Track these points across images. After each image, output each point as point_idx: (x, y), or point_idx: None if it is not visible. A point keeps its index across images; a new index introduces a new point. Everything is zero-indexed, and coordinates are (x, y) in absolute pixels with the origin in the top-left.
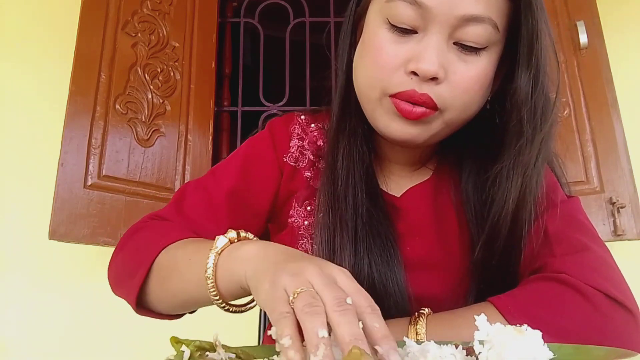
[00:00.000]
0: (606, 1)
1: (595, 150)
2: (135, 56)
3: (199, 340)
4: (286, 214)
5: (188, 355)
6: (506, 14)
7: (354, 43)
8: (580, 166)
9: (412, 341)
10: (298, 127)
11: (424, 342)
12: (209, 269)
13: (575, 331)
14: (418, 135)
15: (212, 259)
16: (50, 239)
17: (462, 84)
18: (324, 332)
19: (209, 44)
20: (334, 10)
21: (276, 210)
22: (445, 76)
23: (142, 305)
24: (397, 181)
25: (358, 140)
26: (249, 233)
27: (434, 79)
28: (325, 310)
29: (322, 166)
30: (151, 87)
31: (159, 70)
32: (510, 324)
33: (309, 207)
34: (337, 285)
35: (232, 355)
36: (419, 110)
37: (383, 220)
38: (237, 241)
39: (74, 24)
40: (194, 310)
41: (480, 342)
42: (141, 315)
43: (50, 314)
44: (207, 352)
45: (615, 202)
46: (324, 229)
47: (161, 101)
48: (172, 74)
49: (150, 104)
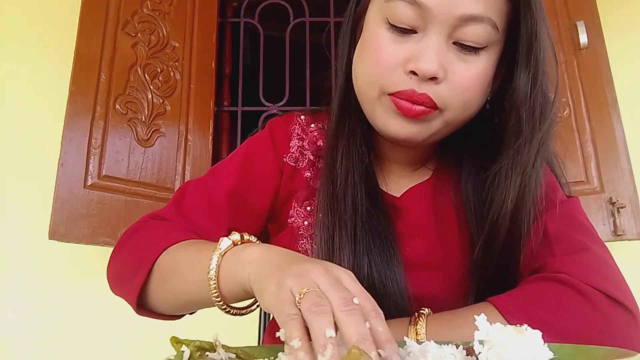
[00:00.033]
0: (606, 1)
1: (595, 150)
2: (135, 56)
3: (199, 341)
4: (286, 214)
5: (188, 355)
6: (505, 14)
7: (353, 43)
8: (580, 166)
9: (412, 341)
10: (298, 127)
11: (424, 342)
12: (211, 270)
13: (575, 331)
14: (418, 133)
15: (215, 261)
16: (50, 239)
17: (462, 83)
18: (331, 332)
19: (209, 44)
20: (334, 10)
21: (276, 211)
22: (445, 76)
23: (143, 306)
24: (396, 181)
25: (357, 140)
26: (252, 236)
27: (433, 79)
28: (332, 310)
29: (322, 166)
30: (151, 87)
31: (159, 70)
32: (510, 324)
33: (308, 208)
34: (343, 286)
35: (232, 356)
36: (419, 108)
37: (383, 220)
38: (240, 244)
39: (74, 24)
40: (194, 311)
41: (480, 342)
42: (141, 315)
43: (50, 314)
44: (207, 352)
45: (615, 202)
46: (323, 229)
47: (161, 101)
48: (172, 74)
49: (150, 104)
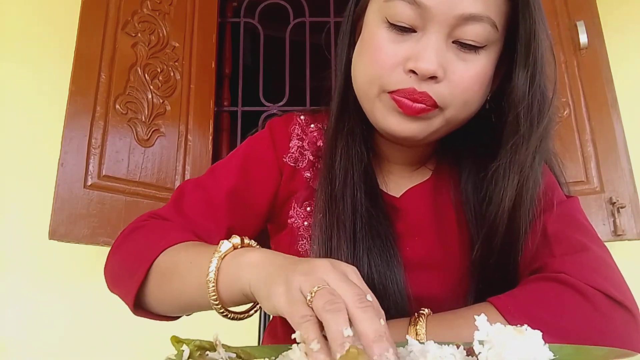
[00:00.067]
0: (606, 1)
1: (595, 150)
2: (135, 56)
3: (200, 340)
4: (286, 215)
5: (188, 355)
6: (505, 13)
7: (352, 43)
8: (580, 166)
9: (414, 340)
10: (298, 127)
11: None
12: (210, 272)
13: (575, 331)
14: (419, 132)
15: (214, 263)
16: (50, 239)
17: (462, 83)
18: (349, 331)
19: (209, 44)
20: (334, 10)
21: (275, 211)
22: (445, 75)
23: (140, 306)
24: (396, 181)
25: (356, 140)
26: (252, 241)
27: (433, 78)
28: (346, 306)
29: (321, 166)
30: (151, 87)
31: (159, 70)
32: (510, 324)
33: (308, 208)
34: (352, 281)
35: (233, 355)
36: (419, 106)
37: (383, 221)
38: (240, 247)
39: (74, 24)
40: (191, 313)
41: (480, 342)
42: (138, 316)
43: (50, 314)
44: (208, 352)
45: (615, 202)
46: (322, 229)
47: (161, 101)
48: (172, 74)
49: (150, 104)
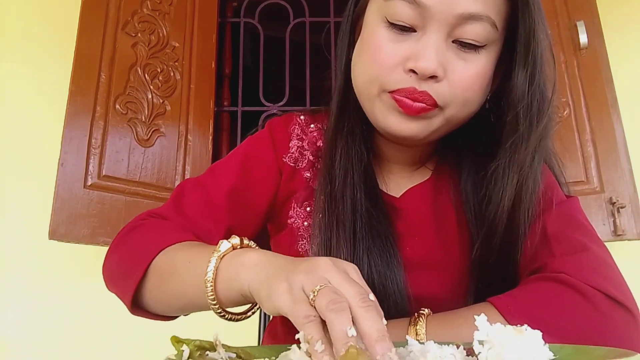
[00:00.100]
0: (606, 1)
1: (595, 150)
2: (135, 56)
3: (200, 340)
4: (285, 215)
5: (188, 355)
6: (504, 13)
7: (352, 43)
8: (580, 166)
9: (414, 340)
10: (297, 127)
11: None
12: (209, 272)
13: (575, 331)
14: (419, 131)
15: (213, 263)
16: (50, 239)
17: (462, 82)
18: (353, 331)
19: (209, 44)
20: (334, 10)
21: (275, 211)
22: (445, 74)
23: (137, 306)
24: (396, 181)
25: (356, 140)
26: (252, 242)
27: (433, 77)
28: (349, 305)
29: (320, 166)
30: (151, 87)
31: (159, 70)
32: (510, 324)
33: (308, 208)
34: (353, 280)
35: (233, 355)
36: (419, 105)
37: (382, 221)
38: (239, 248)
39: (74, 24)
40: (188, 313)
41: (480, 342)
42: (135, 315)
43: (50, 314)
44: (208, 352)
45: (615, 202)
46: (322, 229)
47: (161, 101)
48: (172, 74)
49: (150, 104)
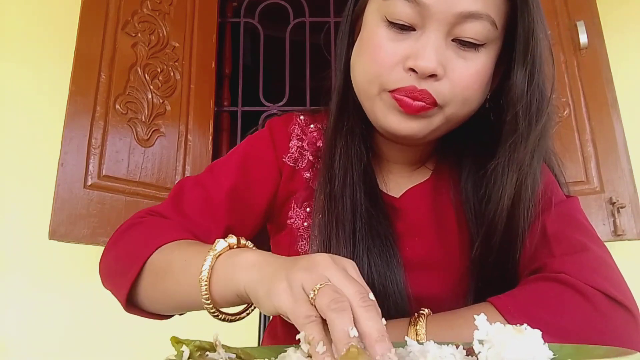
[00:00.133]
0: (606, 1)
1: (595, 150)
2: (135, 56)
3: (199, 340)
4: (285, 215)
5: (188, 355)
6: (504, 12)
7: (351, 43)
8: (580, 166)
9: (413, 341)
10: (297, 127)
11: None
12: (204, 271)
13: (575, 331)
14: (419, 130)
15: (209, 262)
16: (50, 239)
17: (462, 81)
18: (354, 332)
19: (209, 44)
20: (334, 10)
21: (275, 211)
22: (445, 73)
23: (132, 304)
24: (396, 181)
25: (356, 139)
26: (249, 242)
27: (432, 76)
28: (349, 305)
29: (320, 166)
30: (151, 87)
31: (159, 70)
32: (510, 324)
33: (308, 209)
34: (353, 278)
35: (232, 355)
36: (419, 104)
37: (382, 221)
38: (236, 247)
39: (74, 24)
40: (183, 312)
41: (480, 341)
42: (130, 313)
43: (50, 314)
44: (207, 352)
45: (615, 202)
46: (321, 229)
47: (161, 101)
48: (172, 74)
49: (150, 104)
